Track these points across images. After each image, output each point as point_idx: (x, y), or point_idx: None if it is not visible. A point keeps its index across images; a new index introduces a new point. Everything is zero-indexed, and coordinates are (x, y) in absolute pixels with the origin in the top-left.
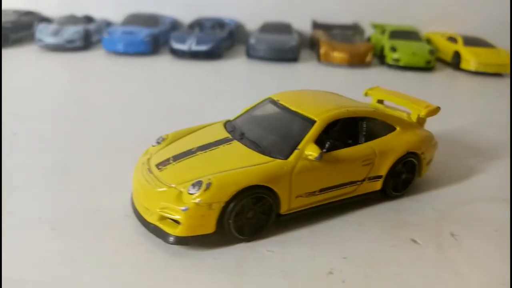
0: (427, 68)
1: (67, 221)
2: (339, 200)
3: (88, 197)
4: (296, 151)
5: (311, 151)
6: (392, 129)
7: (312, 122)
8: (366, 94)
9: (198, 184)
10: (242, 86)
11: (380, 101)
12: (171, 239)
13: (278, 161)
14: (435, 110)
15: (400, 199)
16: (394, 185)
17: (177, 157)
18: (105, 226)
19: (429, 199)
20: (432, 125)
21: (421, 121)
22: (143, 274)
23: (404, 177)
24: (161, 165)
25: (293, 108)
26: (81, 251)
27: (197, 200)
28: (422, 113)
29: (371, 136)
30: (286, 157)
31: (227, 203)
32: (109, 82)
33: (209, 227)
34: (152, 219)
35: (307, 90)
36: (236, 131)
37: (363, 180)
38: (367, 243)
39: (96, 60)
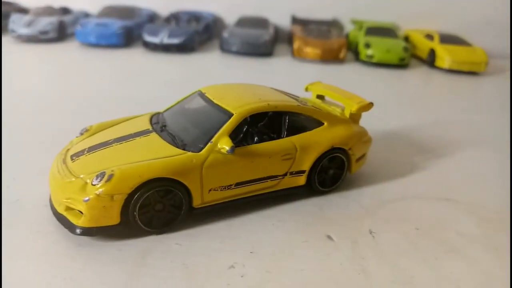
0: (401, 65)
1: None
2: (259, 194)
3: (13, 186)
4: (209, 144)
5: (224, 144)
6: (319, 124)
7: (230, 115)
8: (306, 89)
9: (101, 175)
10: (211, 79)
11: (320, 96)
12: (77, 230)
13: (188, 154)
14: (367, 106)
15: (328, 195)
16: (321, 181)
17: (92, 148)
18: (21, 215)
19: (358, 196)
20: (388, 121)
21: (354, 117)
22: (46, 264)
23: (332, 173)
24: (75, 156)
25: (215, 101)
26: None
27: (99, 191)
28: (354, 108)
29: (296, 131)
30: (200, 150)
31: (130, 195)
32: (76, 74)
33: (113, 219)
34: (60, 209)
35: (237, 84)
36: (159, 123)
37: (285, 174)
38: (279, 238)
39: (67, 52)
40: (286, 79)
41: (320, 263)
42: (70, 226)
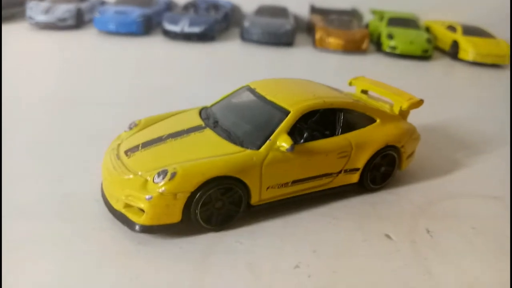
0: (424, 57)
1: (35, 206)
2: (314, 192)
3: (58, 182)
4: (268, 142)
5: (283, 142)
6: (372, 121)
7: (286, 112)
8: (350, 84)
9: (163, 173)
10: (233, 69)
11: (364, 91)
12: (137, 227)
13: (248, 151)
14: (418, 103)
15: (378, 192)
16: (372, 178)
17: (146, 144)
18: (72, 211)
19: (408, 193)
20: (421, 116)
21: (403, 114)
22: (106, 262)
23: (383, 170)
24: (130, 151)
25: (268, 98)
26: (47, 236)
27: (162, 189)
28: (404, 105)
29: (349, 127)
30: (258, 147)
31: (193, 193)
32: (97, 62)
33: (175, 217)
34: (118, 206)
35: (286, 79)
36: (210, 118)
37: (339, 172)
38: (338, 237)
39: (86, 39)
40: (309, 70)
41: (384, 263)
42: (129, 223)
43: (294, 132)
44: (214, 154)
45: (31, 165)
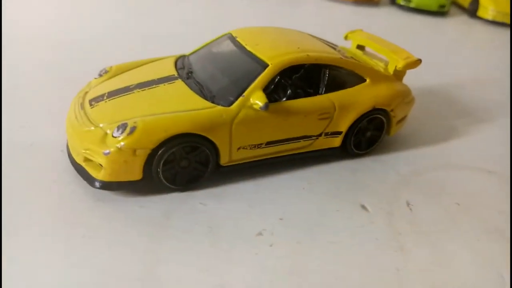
0: (440, 12)
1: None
2: (290, 154)
3: (25, 129)
4: (240, 98)
5: (257, 100)
6: (361, 80)
7: (265, 66)
8: (346, 37)
9: (122, 126)
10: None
11: (361, 47)
12: (96, 183)
13: (218, 108)
14: (415, 63)
15: (362, 158)
16: (357, 143)
17: (112, 94)
18: (36, 161)
19: (394, 161)
20: (424, 77)
21: (398, 74)
22: (64, 219)
23: (369, 135)
24: (94, 101)
25: (248, 48)
26: (5, 186)
27: (120, 144)
28: (400, 64)
29: (334, 86)
30: (230, 104)
31: (154, 150)
32: (86, 5)
33: (135, 174)
34: (78, 159)
35: (274, 28)
36: (185, 68)
37: (319, 135)
38: (310, 205)
39: None
40: (314, 22)
41: (354, 236)
42: (89, 179)
43: (274, 88)
44: (181, 108)
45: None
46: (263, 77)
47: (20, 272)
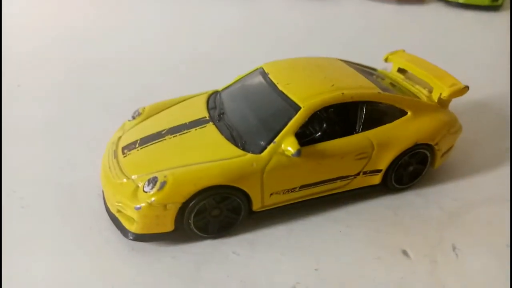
0: (492, 6)
1: (38, 196)
2: (327, 195)
3: (65, 166)
4: (271, 145)
5: (289, 146)
6: (402, 113)
7: (297, 108)
8: (386, 60)
9: (153, 181)
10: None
11: (402, 70)
12: (129, 235)
13: (248, 156)
14: (461, 91)
15: (404, 192)
16: (398, 177)
17: (144, 141)
18: (73, 206)
19: (438, 195)
20: (474, 87)
21: (443, 102)
22: (96, 266)
23: (412, 169)
24: (127, 148)
25: (280, 87)
26: (41, 233)
27: (151, 200)
28: (445, 93)
29: (372, 123)
30: (261, 150)
31: (185, 204)
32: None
33: (167, 226)
34: (113, 209)
35: (305, 59)
36: (216, 108)
37: (357, 174)
38: (347, 251)
39: None
40: (357, 25)
41: None
42: (122, 229)
43: (306, 129)
44: (212, 158)
45: (42, 142)
46: (294, 122)
47: None
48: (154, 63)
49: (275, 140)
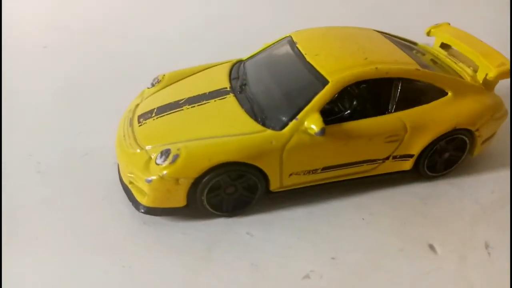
0: None
1: (54, 161)
2: (351, 179)
3: (83, 134)
4: (293, 122)
5: (312, 124)
6: (441, 94)
7: (324, 82)
8: (428, 33)
9: (166, 153)
10: None
11: (446, 45)
12: (141, 207)
13: (268, 132)
14: (511, 72)
15: (437, 180)
16: (432, 164)
17: (161, 110)
18: (87, 174)
19: (474, 186)
20: None
21: (489, 83)
22: (107, 237)
23: (448, 156)
24: (143, 117)
25: (308, 58)
26: (53, 200)
27: (163, 173)
28: (491, 73)
29: (409, 103)
30: (281, 127)
31: (198, 179)
32: None
33: (179, 201)
34: (125, 180)
35: (341, 29)
36: (239, 79)
37: (386, 158)
38: (368, 240)
39: None
40: None
41: (416, 286)
42: (134, 202)
43: (333, 105)
44: (229, 132)
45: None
46: (320, 97)
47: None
48: (180, 30)
49: (298, 116)
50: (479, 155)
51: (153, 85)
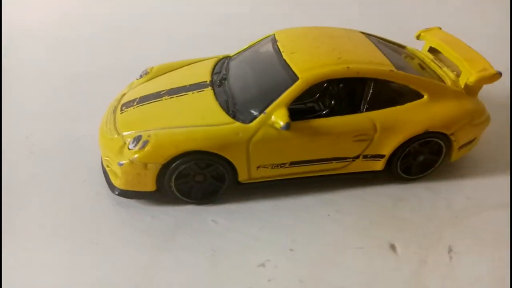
0: None
1: (46, 144)
2: (322, 176)
3: (76, 123)
4: (261, 116)
5: (278, 118)
6: (417, 96)
7: (295, 79)
8: (418, 37)
9: (137, 139)
10: None
11: (435, 49)
12: (115, 190)
13: (236, 125)
14: (491, 78)
15: (413, 183)
16: (407, 167)
17: (142, 100)
18: (74, 157)
19: (451, 192)
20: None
21: (471, 89)
22: (82, 215)
23: (423, 159)
24: (125, 106)
25: (284, 56)
26: (40, 179)
27: (133, 157)
28: (471, 78)
29: (381, 104)
30: (251, 120)
31: (166, 166)
32: None
33: (148, 186)
34: (104, 163)
35: (322, 29)
36: (221, 73)
37: (356, 157)
38: (329, 236)
39: None
40: None
41: (368, 284)
42: (110, 184)
43: (303, 102)
44: (199, 122)
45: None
46: (289, 93)
47: (20, 263)
48: (186, 24)
49: (266, 111)
50: (461, 160)
51: (141, 76)
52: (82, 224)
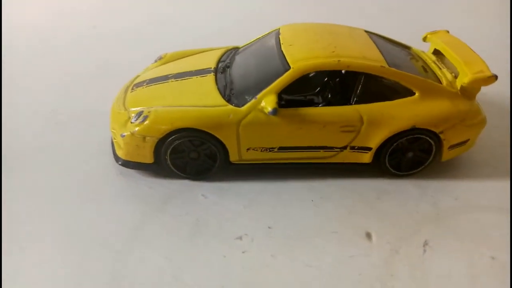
0: None
1: (70, 116)
2: (311, 163)
3: (100, 100)
4: (253, 100)
5: (267, 104)
6: (408, 94)
7: (287, 68)
8: (424, 39)
9: (139, 114)
10: None
11: (439, 52)
12: (118, 160)
13: (228, 107)
14: (487, 80)
15: (402, 179)
16: (396, 163)
17: (151, 81)
18: (89, 131)
19: (439, 191)
20: None
21: (468, 91)
22: (87, 181)
23: (412, 156)
24: (136, 86)
25: (282, 47)
26: (58, 146)
27: (134, 130)
28: (466, 79)
29: (370, 98)
30: (243, 104)
31: (162, 140)
32: None
33: (146, 158)
34: (112, 135)
35: (328, 26)
36: (225, 61)
37: (344, 147)
38: (309, 220)
39: None
40: None
41: (337, 265)
42: (115, 155)
43: (296, 92)
44: (196, 103)
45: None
46: (280, 81)
47: (28, 210)
48: (206, 23)
49: (257, 96)
50: (456, 163)
51: (155, 61)
52: (85, 190)
